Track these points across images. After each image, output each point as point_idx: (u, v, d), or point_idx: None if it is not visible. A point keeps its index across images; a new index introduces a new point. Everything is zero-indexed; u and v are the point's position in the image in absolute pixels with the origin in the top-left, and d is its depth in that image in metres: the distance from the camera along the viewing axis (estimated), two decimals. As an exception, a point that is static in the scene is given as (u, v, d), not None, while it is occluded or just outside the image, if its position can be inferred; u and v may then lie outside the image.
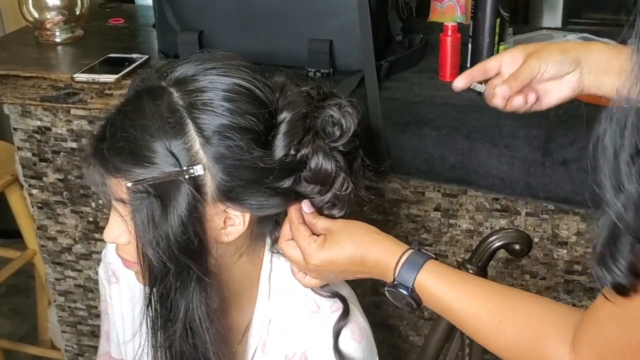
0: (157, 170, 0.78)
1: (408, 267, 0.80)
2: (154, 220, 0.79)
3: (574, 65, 0.92)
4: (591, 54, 0.91)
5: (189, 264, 0.81)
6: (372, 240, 0.84)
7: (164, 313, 0.84)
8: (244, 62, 0.85)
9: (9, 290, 2.53)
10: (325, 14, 1.28)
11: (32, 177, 1.58)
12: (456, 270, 0.83)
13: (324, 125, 0.86)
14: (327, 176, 0.86)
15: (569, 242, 1.36)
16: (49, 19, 1.56)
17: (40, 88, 1.39)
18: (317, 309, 0.93)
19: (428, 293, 0.80)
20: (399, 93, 1.27)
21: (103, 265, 1.07)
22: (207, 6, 1.31)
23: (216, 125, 0.79)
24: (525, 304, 0.77)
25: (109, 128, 0.81)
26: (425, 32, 1.44)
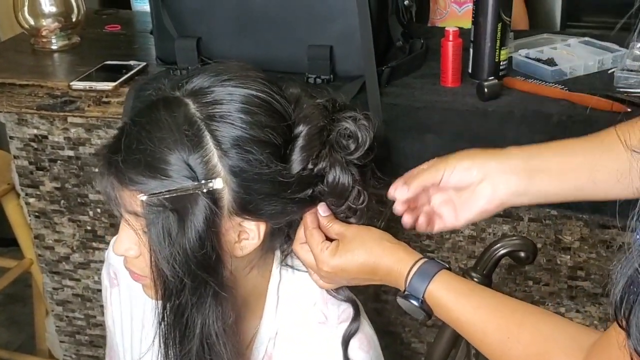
0: (174, 183, 0.77)
1: (419, 277, 0.79)
2: (170, 234, 0.78)
3: (481, 175, 0.85)
4: (537, 158, 0.85)
5: (206, 279, 0.80)
6: (385, 248, 0.83)
7: (180, 329, 0.82)
8: (260, 73, 0.84)
9: (6, 299, 2.51)
10: (324, 19, 1.27)
11: (28, 186, 1.56)
12: (468, 282, 0.82)
13: (338, 138, 0.85)
14: (344, 190, 0.85)
15: (572, 248, 1.35)
16: (45, 26, 1.54)
17: (37, 96, 1.37)
18: (324, 320, 0.92)
19: (438, 304, 0.79)
20: (400, 99, 1.26)
21: (106, 267, 1.06)
22: (205, 12, 1.30)
23: (234, 138, 0.78)
24: (535, 322, 0.75)
25: (124, 139, 0.79)
26: (425, 37, 1.43)
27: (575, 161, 0.83)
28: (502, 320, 0.76)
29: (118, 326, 1.06)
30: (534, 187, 0.84)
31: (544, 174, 0.84)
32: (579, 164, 0.83)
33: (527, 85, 1.27)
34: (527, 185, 0.84)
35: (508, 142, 1.18)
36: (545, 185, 0.84)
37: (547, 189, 0.84)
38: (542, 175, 0.84)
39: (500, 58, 1.28)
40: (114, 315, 1.06)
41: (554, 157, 0.85)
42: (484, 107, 1.21)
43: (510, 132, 1.18)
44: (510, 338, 0.74)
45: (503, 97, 1.24)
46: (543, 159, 0.84)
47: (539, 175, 0.84)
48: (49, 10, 1.55)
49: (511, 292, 1.42)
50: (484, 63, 1.29)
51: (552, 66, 1.30)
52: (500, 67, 1.29)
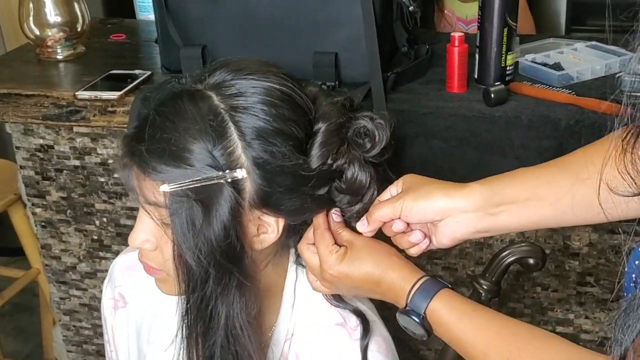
0: (198, 173, 0.76)
1: (421, 294, 0.79)
2: (194, 224, 0.77)
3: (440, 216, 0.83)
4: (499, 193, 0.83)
5: (231, 269, 0.80)
6: (392, 263, 0.82)
7: (204, 321, 0.82)
8: (280, 68, 0.84)
9: (13, 309, 2.51)
10: (329, 26, 1.27)
11: (35, 196, 1.56)
12: (470, 302, 0.81)
13: (354, 137, 0.86)
14: (361, 187, 0.86)
15: (580, 254, 1.34)
16: (50, 36, 1.54)
17: (43, 106, 1.37)
18: (342, 322, 0.92)
19: (438, 322, 0.78)
20: (406, 105, 1.25)
21: (109, 289, 1.05)
22: (210, 20, 1.30)
23: (258, 130, 0.78)
24: (537, 346, 0.74)
25: (148, 129, 0.78)
26: (430, 43, 1.43)
27: (536, 195, 0.82)
28: (504, 342, 0.75)
29: (124, 347, 1.05)
30: (497, 224, 0.83)
31: (507, 210, 0.82)
32: (542, 197, 0.82)
33: (534, 90, 1.26)
34: (489, 224, 0.83)
35: (515, 147, 1.18)
36: (508, 221, 0.83)
37: (511, 223, 0.83)
38: (505, 211, 0.82)
39: (506, 63, 1.28)
40: (120, 338, 1.05)
41: (516, 190, 0.83)
42: (490, 113, 1.20)
43: (518, 137, 1.18)
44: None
45: (510, 102, 1.23)
46: (505, 193, 0.82)
47: (502, 211, 0.82)
48: (54, 20, 1.55)
49: (519, 299, 1.41)
50: (490, 68, 1.28)
51: (559, 70, 1.30)
52: (507, 72, 1.29)
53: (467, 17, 2.04)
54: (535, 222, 0.83)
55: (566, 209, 0.80)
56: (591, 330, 1.41)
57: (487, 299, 1.04)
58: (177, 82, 0.84)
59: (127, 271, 1.02)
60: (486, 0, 1.24)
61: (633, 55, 0.51)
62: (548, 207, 0.81)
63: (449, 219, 0.83)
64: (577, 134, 1.13)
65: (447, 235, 0.84)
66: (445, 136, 1.21)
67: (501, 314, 0.81)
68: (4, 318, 2.50)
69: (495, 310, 0.81)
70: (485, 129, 1.19)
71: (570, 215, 0.81)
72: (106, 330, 1.07)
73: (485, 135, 1.19)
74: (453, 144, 1.21)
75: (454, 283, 1.43)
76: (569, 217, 0.82)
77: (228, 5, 1.28)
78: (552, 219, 0.83)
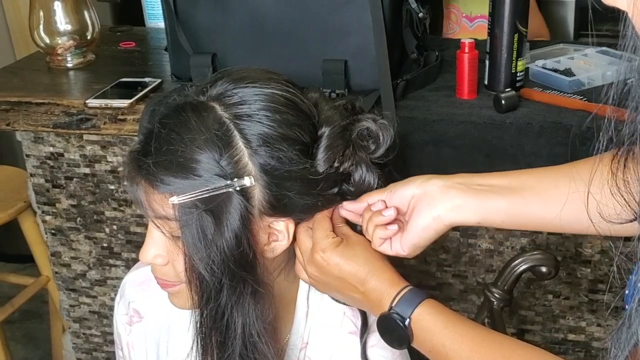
0: (206, 183, 0.77)
1: (407, 300, 0.79)
2: (205, 235, 0.77)
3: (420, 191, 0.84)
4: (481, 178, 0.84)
5: (245, 277, 0.80)
6: (383, 265, 0.83)
7: (221, 332, 0.81)
8: (281, 75, 0.85)
9: (23, 316, 2.52)
10: (339, 33, 1.26)
11: (45, 204, 1.57)
12: (454, 312, 0.81)
13: (358, 139, 0.86)
14: (370, 188, 0.86)
15: (592, 261, 1.34)
16: (60, 44, 1.55)
17: (53, 114, 1.38)
18: (355, 330, 0.91)
19: (423, 328, 0.78)
20: (416, 112, 1.25)
21: (122, 306, 1.04)
22: (220, 28, 1.30)
23: (263, 136, 0.78)
24: (521, 354, 0.74)
25: (154, 143, 0.78)
26: (440, 49, 1.42)
27: (519, 182, 0.82)
28: (489, 350, 0.75)
29: None
30: (474, 202, 0.82)
31: (487, 189, 0.82)
32: (526, 184, 0.82)
33: (544, 96, 1.25)
34: (467, 200, 0.82)
35: (527, 154, 1.17)
36: (487, 200, 0.82)
37: (489, 204, 0.82)
38: (485, 190, 0.82)
39: (516, 69, 1.27)
40: (137, 354, 1.04)
41: (499, 178, 0.84)
42: (501, 119, 1.20)
43: (529, 144, 1.17)
44: None
45: (520, 108, 1.23)
46: (487, 178, 0.84)
47: (482, 190, 0.82)
48: (64, 29, 1.55)
49: (530, 306, 1.40)
50: (500, 74, 1.28)
51: (570, 76, 1.29)
52: (517, 78, 1.28)
53: (472, 13, 2.03)
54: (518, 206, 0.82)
55: (552, 199, 0.80)
56: (603, 338, 1.40)
57: (499, 307, 1.03)
58: (179, 95, 0.84)
59: (140, 287, 1.02)
60: (496, 6, 1.24)
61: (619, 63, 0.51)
62: (532, 194, 0.81)
63: (426, 196, 0.83)
64: (588, 140, 1.12)
65: (422, 216, 0.83)
66: (456, 143, 1.20)
67: (486, 327, 0.83)
68: (14, 325, 2.50)
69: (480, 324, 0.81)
70: (496, 136, 1.19)
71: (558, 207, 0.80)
72: (120, 347, 1.06)
73: (496, 142, 1.19)
74: (463, 151, 1.20)
75: (464, 291, 1.42)
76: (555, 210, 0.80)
77: (238, 14, 1.28)
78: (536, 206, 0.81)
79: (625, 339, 0.51)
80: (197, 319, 0.82)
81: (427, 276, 1.40)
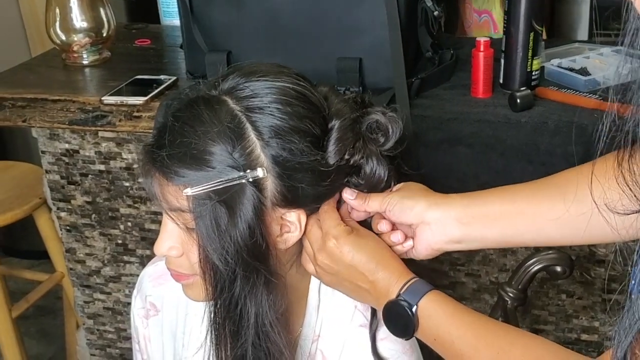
0: (219, 174, 0.77)
1: (415, 289, 0.80)
2: (219, 226, 0.78)
3: (419, 219, 0.85)
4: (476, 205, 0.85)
5: (258, 267, 0.80)
6: (391, 257, 0.84)
7: (234, 322, 0.83)
8: (291, 69, 0.86)
9: (37, 311, 2.53)
10: (354, 32, 1.27)
11: (60, 200, 1.58)
12: (460, 303, 0.81)
13: (367, 132, 0.87)
14: (380, 181, 0.87)
15: (606, 261, 1.33)
16: (76, 41, 1.56)
17: (69, 111, 1.38)
18: (366, 323, 0.92)
19: (429, 316, 0.79)
20: (430, 110, 1.25)
21: (139, 300, 1.05)
22: (235, 26, 1.30)
23: (275, 128, 0.79)
24: (527, 342, 0.76)
25: (168, 135, 0.79)
26: (455, 48, 1.42)
27: (514, 209, 0.83)
28: (495, 338, 0.76)
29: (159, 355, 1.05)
30: (470, 235, 0.85)
31: (481, 221, 0.84)
32: (519, 211, 0.83)
33: (560, 95, 1.25)
34: (462, 233, 0.85)
35: (542, 153, 1.17)
36: (482, 232, 0.85)
37: (484, 235, 0.85)
38: (479, 222, 0.84)
39: (532, 68, 1.27)
40: (153, 347, 1.05)
41: (493, 204, 0.85)
42: (516, 118, 1.20)
43: (544, 143, 1.17)
44: (500, 354, 0.74)
45: (536, 107, 1.22)
46: (482, 206, 0.85)
47: (476, 222, 0.84)
48: (80, 26, 1.56)
49: (544, 306, 1.40)
50: (515, 73, 1.28)
51: (586, 76, 1.29)
52: (533, 77, 1.28)
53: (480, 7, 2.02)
54: (510, 236, 0.85)
55: (546, 225, 0.82)
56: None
57: (513, 306, 1.03)
58: (191, 90, 0.85)
59: (157, 280, 1.02)
60: (512, 5, 1.24)
61: None
62: (525, 222, 0.83)
63: (424, 225, 0.85)
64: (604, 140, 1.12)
65: (423, 243, 0.86)
66: (470, 142, 1.20)
67: (490, 317, 0.83)
68: (28, 321, 2.51)
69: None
70: (511, 135, 1.18)
71: (550, 232, 0.82)
72: (137, 340, 1.07)
73: (511, 141, 1.18)
74: (478, 150, 1.20)
75: (477, 290, 1.42)
76: (549, 234, 0.83)
77: (253, 11, 1.28)
78: (529, 235, 0.84)
79: (628, 325, 0.51)
80: (211, 309, 0.83)
81: (440, 275, 1.40)
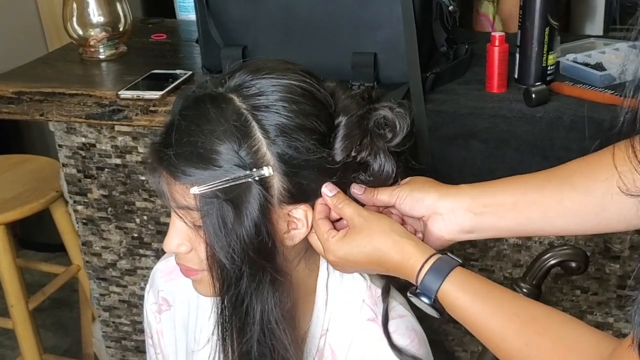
0: (226, 173, 0.78)
1: (432, 275, 0.77)
2: (225, 224, 0.79)
3: (431, 211, 0.85)
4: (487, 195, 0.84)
5: (264, 265, 0.81)
6: (394, 242, 0.81)
7: (240, 318, 0.83)
8: (298, 65, 0.85)
9: (53, 304, 2.55)
10: (369, 26, 1.27)
11: (76, 194, 1.59)
12: (484, 281, 0.78)
13: (375, 128, 0.86)
14: (388, 177, 0.87)
15: (621, 257, 1.33)
16: (93, 36, 1.57)
17: (86, 105, 1.39)
18: (374, 317, 0.92)
19: (452, 304, 0.77)
20: (445, 105, 1.25)
21: (152, 295, 1.06)
22: (251, 21, 1.31)
23: (281, 126, 0.79)
24: (557, 329, 0.73)
25: (174, 134, 0.80)
26: (469, 42, 1.42)
27: (525, 199, 0.83)
28: (522, 326, 0.73)
29: (171, 351, 1.06)
30: (482, 224, 0.84)
31: (492, 211, 0.83)
32: (530, 200, 0.82)
33: (575, 90, 1.25)
34: (474, 223, 0.84)
35: (557, 148, 1.17)
36: (494, 222, 0.84)
37: (496, 224, 0.84)
38: (490, 212, 0.83)
39: (547, 63, 1.27)
40: (166, 342, 1.06)
41: (504, 194, 0.84)
42: (531, 113, 1.19)
43: (559, 138, 1.16)
44: (529, 345, 0.72)
45: (551, 102, 1.22)
46: (493, 196, 0.84)
47: (487, 211, 0.83)
48: (97, 20, 1.57)
49: (558, 302, 1.40)
50: (530, 68, 1.27)
51: (601, 71, 1.28)
52: (548, 72, 1.28)
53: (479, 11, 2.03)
54: (522, 225, 0.84)
55: (557, 215, 0.81)
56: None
57: (527, 301, 1.03)
58: (199, 88, 0.85)
59: (169, 276, 1.04)
60: (528, 0, 1.23)
61: None
62: (536, 211, 0.82)
63: (436, 216, 0.85)
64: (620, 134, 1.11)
65: (435, 234, 0.85)
66: (485, 137, 1.20)
67: (518, 295, 0.80)
68: (44, 313, 2.54)
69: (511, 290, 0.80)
70: (526, 130, 1.18)
71: (562, 221, 0.81)
72: (150, 335, 1.08)
73: (526, 136, 1.18)
74: (493, 145, 1.20)
75: (491, 284, 1.42)
76: (559, 224, 0.82)
77: (269, 6, 1.29)
78: (540, 223, 0.83)
79: None
80: (218, 305, 0.84)
81: (454, 270, 1.40)
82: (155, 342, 1.08)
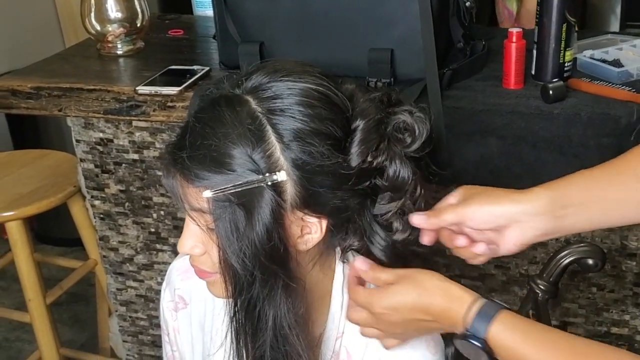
0: (239, 177, 0.78)
1: (481, 318, 0.77)
2: (237, 229, 0.79)
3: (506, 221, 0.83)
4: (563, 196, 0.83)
5: (276, 271, 0.81)
6: (437, 286, 0.81)
7: (253, 323, 0.83)
8: (316, 68, 0.85)
9: (69, 298, 2.57)
10: (385, 22, 1.27)
11: (94, 189, 1.60)
12: (530, 321, 0.79)
13: (394, 132, 0.86)
14: (404, 183, 0.86)
15: (638, 254, 1.32)
16: (111, 32, 1.58)
17: (104, 101, 1.40)
18: None
19: (502, 346, 0.76)
20: (462, 102, 1.24)
21: (168, 293, 1.06)
22: (268, 17, 1.31)
23: (296, 131, 0.79)
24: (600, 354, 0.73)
25: (189, 137, 0.80)
26: (486, 38, 1.41)
27: (603, 195, 0.82)
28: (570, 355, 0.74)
29: (188, 348, 1.06)
30: (565, 227, 0.83)
31: (574, 212, 0.83)
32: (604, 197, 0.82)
33: (593, 87, 1.24)
34: (557, 226, 0.83)
35: (574, 145, 1.16)
36: (576, 222, 0.83)
37: (578, 224, 0.84)
38: (573, 214, 0.83)
39: (565, 59, 1.26)
40: (182, 340, 1.06)
41: (580, 192, 0.83)
42: (549, 110, 1.19)
43: (577, 135, 1.16)
44: None
45: (568, 99, 1.21)
46: (571, 196, 0.83)
47: (569, 213, 0.82)
48: (114, 16, 1.58)
49: (574, 299, 1.39)
50: (548, 64, 1.27)
51: (619, 67, 1.28)
52: (565, 68, 1.27)
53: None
54: (603, 222, 0.84)
55: (630, 208, 0.81)
56: None
57: (544, 299, 1.03)
58: (216, 88, 0.85)
59: (185, 274, 1.04)
60: (545, -4, 1.23)
61: None
62: (614, 207, 0.82)
63: (515, 224, 0.83)
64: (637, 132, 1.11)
65: (513, 240, 0.84)
66: (502, 134, 1.20)
67: (564, 332, 0.80)
68: (61, 307, 2.56)
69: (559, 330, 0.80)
70: (543, 127, 1.18)
71: (635, 213, 0.81)
72: (166, 332, 1.09)
73: (543, 133, 1.18)
74: (510, 142, 1.20)
75: (506, 282, 1.41)
76: (632, 216, 0.82)
77: (286, 2, 1.29)
78: (619, 218, 0.83)
79: None
80: (230, 309, 0.84)
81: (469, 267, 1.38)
82: (172, 340, 1.08)
